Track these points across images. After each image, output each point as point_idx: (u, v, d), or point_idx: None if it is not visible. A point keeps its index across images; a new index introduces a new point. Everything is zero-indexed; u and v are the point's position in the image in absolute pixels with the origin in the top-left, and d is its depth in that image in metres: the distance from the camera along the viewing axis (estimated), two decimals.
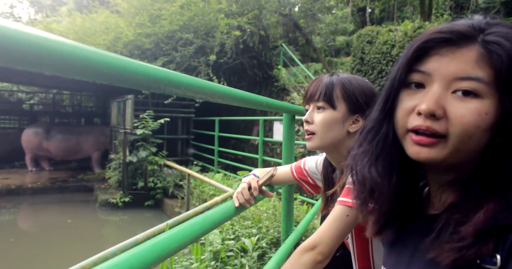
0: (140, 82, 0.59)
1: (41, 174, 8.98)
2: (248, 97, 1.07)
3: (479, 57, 0.45)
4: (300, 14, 11.43)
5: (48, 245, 5.20)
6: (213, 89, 0.83)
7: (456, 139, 0.46)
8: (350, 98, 0.99)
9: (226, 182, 5.69)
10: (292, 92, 7.60)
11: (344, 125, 1.00)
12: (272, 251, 2.40)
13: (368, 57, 6.85)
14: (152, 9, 7.27)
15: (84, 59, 0.45)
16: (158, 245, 0.68)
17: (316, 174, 1.25)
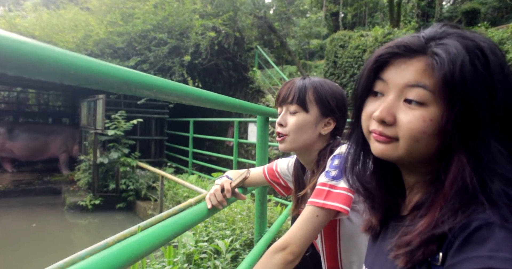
0: (110, 84, 0.58)
1: (3, 176, 8.51)
2: (221, 100, 1.08)
3: (427, 67, 0.49)
4: (275, 17, 11.54)
5: (11, 250, 4.94)
6: (186, 92, 0.83)
7: (405, 142, 0.50)
8: (322, 102, 1.02)
9: (200, 183, 5.65)
10: (267, 94, 7.65)
11: (316, 128, 1.03)
12: (245, 253, 2.41)
13: (341, 61, 7.03)
14: (124, 7, 7.10)
15: (51, 60, 0.45)
16: (129, 247, 0.68)
17: (287, 176, 1.27)
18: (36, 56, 0.42)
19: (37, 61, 0.43)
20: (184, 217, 0.87)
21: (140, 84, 0.67)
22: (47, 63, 0.44)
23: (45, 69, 0.45)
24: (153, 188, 6.51)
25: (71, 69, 0.49)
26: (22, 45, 0.40)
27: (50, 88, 13.23)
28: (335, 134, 1.08)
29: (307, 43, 15.18)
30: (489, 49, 0.48)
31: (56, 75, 0.48)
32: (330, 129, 1.04)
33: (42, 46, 0.43)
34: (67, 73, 0.48)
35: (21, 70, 0.42)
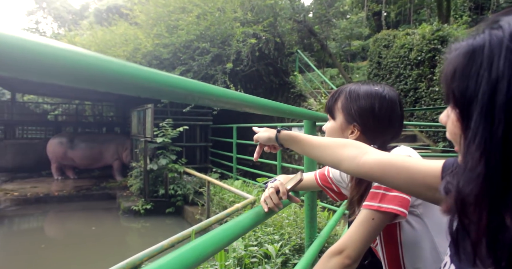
0: (177, 95, 0.63)
1: (66, 183, 9.26)
2: (272, 106, 1.10)
3: None
4: (314, 20, 11.45)
5: (75, 251, 5.34)
6: (242, 99, 0.86)
7: None
8: (347, 109, 1.04)
9: (245, 188, 5.71)
10: (309, 98, 7.59)
11: (343, 135, 1.05)
12: (295, 258, 2.40)
13: (385, 61, 6.78)
14: (169, 20, 7.45)
15: (130, 76, 0.49)
16: (196, 249, 0.71)
17: (340, 182, 1.26)
18: (120, 74, 0.47)
19: (120, 78, 0.47)
20: (243, 220, 0.90)
21: (202, 94, 0.70)
22: (128, 80, 0.49)
23: (127, 85, 0.49)
24: (200, 193, 6.70)
25: (146, 83, 0.53)
26: (109, 64, 0.45)
27: (104, 100, 14.22)
28: (371, 142, 1.05)
29: (348, 45, 14.87)
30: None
31: (135, 90, 0.52)
32: (355, 136, 1.03)
33: (123, 64, 0.48)
34: (144, 87, 0.53)
35: (108, 87, 0.47)
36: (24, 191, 8.01)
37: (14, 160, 10.58)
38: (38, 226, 6.96)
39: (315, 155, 0.85)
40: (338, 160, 0.78)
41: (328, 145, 0.81)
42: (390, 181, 0.70)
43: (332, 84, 8.70)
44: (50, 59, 0.36)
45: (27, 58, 0.33)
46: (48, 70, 0.37)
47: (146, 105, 7.21)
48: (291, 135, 0.93)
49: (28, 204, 7.54)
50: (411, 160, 0.69)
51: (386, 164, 0.70)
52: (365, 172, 0.73)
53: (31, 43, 0.34)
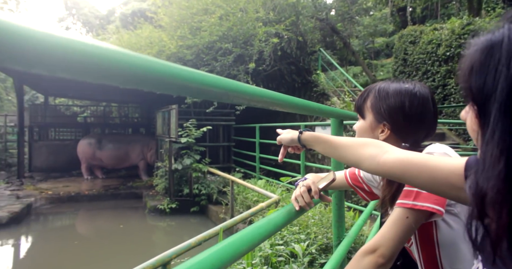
0: (215, 94, 0.64)
1: (95, 182, 9.59)
2: (302, 104, 1.10)
3: None
4: (337, 17, 11.30)
5: (106, 248, 5.53)
6: (274, 98, 0.87)
7: None
8: (376, 108, 1.03)
9: (268, 188, 5.72)
10: (332, 97, 7.50)
11: (374, 134, 1.04)
12: (321, 257, 2.38)
13: (412, 58, 6.60)
14: (192, 21, 7.57)
15: (173, 76, 0.51)
16: (232, 246, 0.72)
17: (371, 181, 1.25)
18: (165, 74, 0.48)
19: (165, 78, 0.49)
20: (275, 217, 0.90)
21: (237, 93, 0.72)
22: (172, 80, 0.50)
23: (171, 85, 0.51)
24: (224, 193, 6.76)
25: (188, 83, 0.54)
26: (155, 65, 0.47)
27: (129, 101, 14.63)
28: (402, 141, 1.03)
29: (371, 42, 14.56)
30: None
31: (177, 89, 0.54)
32: (385, 135, 1.01)
33: (168, 64, 0.50)
34: (185, 86, 0.54)
35: (155, 86, 0.49)
36: (57, 190, 8.37)
37: (47, 160, 11.09)
38: (70, 224, 7.26)
39: (336, 155, 0.85)
40: (359, 159, 0.78)
41: (349, 145, 0.82)
42: (411, 180, 0.69)
43: (356, 82, 8.56)
44: (106, 62, 0.38)
45: (88, 62, 0.35)
46: (103, 73, 0.39)
47: (170, 106, 7.36)
48: (313, 136, 0.94)
49: (61, 202, 7.87)
50: (432, 158, 0.67)
51: (406, 162, 0.68)
52: (385, 170, 0.72)
53: (94, 47, 0.36)
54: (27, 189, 8.47)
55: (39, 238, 6.20)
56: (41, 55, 0.30)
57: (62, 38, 0.32)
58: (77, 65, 0.35)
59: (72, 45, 0.33)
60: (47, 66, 0.32)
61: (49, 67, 0.32)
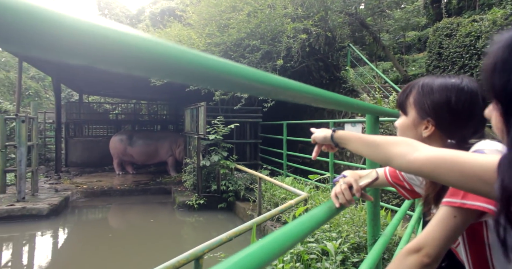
0: (263, 90, 0.64)
1: (127, 177, 9.93)
2: (342, 100, 1.09)
3: None
4: (367, 11, 11.00)
5: (138, 241, 5.72)
6: (318, 94, 0.86)
7: None
8: (420, 104, 1.00)
9: (296, 185, 5.69)
10: (362, 93, 7.33)
11: (417, 131, 1.01)
12: (354, 256, 2.34)
13: (447, 52, 6.31)
14: (220, 19, 7.62)
15: (226, 72, 0.51)
16: (276, 241, 0.71)
17: (413, 179, 1.21)
18: (220, 72, 0.49)
19: (219, 75, 0.49)
20: (316, 214, 0.89)
21: (283, 89, 0.71)
22: (224, 76, 0.51)
23: (223, 81, 0.51)
24: (251, 190, 6.80)
25: (240, 80, 0.55)
26: (208, 61, 0.47)
27: (158, 99, 14.99)
28: (448, 137, 0.98)
29: (402, 36, 14.08)
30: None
31: (229, 86, 0.54)
32: (429, 132, 0.98)
33: (220, 60, 0.50)
34: (237, 83, 0.55)
35: (206, 82, 0.49)
36: (92, 184, 8.74)
37: (82, 155, 11.61)
38: (103, 217, 7.56)
39: (367, 153, 0.86)
40: (389, 157, 0.78)
41: (380, 143, 0.82)
42: (442, 177, 0.67)
43: (386, 78, 8.31)
44: (171, 60, 0.39)
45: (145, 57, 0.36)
46: (163, 68, 0.39)
47: (199, 103, 7.46)
48: (346, 134, 0.95)
49: (95, 196, 8.22)
50: (464, 154, 0.65)
51: (437, 159, 0.67)
52: (416, 168, 0.72)
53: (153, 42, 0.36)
54: (64, 183, 8.90)
55: (76, 229, 6.51)
56: (108, 51, 0.31)
57: (129, 35, 0.33)
58: (144, 63, 0.35)
59: (143, 43, 0.34)
60: (110, 63, 0.32)
61: (113, 64, 0.33)
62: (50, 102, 18.36)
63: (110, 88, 13.19)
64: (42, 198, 7.04)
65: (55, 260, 5.12)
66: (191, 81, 0.47)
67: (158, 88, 8.90)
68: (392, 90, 7.72)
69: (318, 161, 7.34)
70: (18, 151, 6.69)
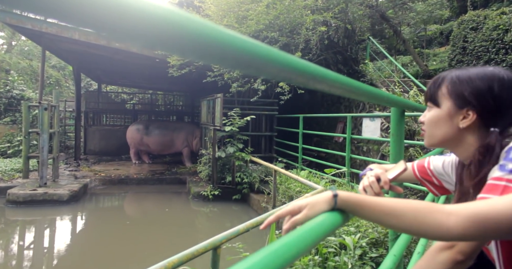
0: (303, 79, 0.63)
1: (143, 166, 10.11)
2: (374, 93, 1.07)
3: None
4: (388, 4, 10.72)
5: (153, 229, 5.84)
6: (352, 85, 0.85)
7: None
8: (457, 94, 0.96)
9: (312, 179, 5.67)
10: (381, 88, 7.20)
11: (452, 122, 0.97)
12: (372, 251, 2.32)
13: (472, 45, 6.11)
14: (239, 10, 7.57)
15: (274, 61, 0.50)
16: (308, 235, 0.70)
17: (442, 175, 1.18)
18: (259, 55, 0.48)
19: (259, 59, 0.48)
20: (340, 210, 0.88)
21: (321, 79, 0.70)
22: (272, 65, 0.50)
23: (268, 69, 0.51)
24: (265, 182, 6.81)
25: (284, 68, 0.54)
26: (258, 48, 0.46)
27: (174, 89, 15.10)
28: (490, 125, 0.95)
29: (423, 30, 13.69)
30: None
31: (273, 74, 0.54)
32: (469, 121, 0.94)
33: (270, 49, 0.49)
34: (281, 71, 0.54)
35: (256, 70, 0.49)
36: (109, 173, 8.93)
37: (100, 144, 11.86)
38: (120, 204, 7.74)
39: (390, 224, 0.71)
40: (423, 231, 0.69)
41: (405, 212, 0.70)
42: (493, 236, 0.67)
43: (407, 72, 8.13)
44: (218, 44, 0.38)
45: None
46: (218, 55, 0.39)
47: (215, 95, 7.48)
48: (354, 198, 0.73)
49: (112, 184, 8.40)
50: (499, 205, 0.63)
51: (479, 219, 0.64)
52: (461, 235, 0.66)
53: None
54: (83, 170, 9.13)
55: (94, 215, 6.68)
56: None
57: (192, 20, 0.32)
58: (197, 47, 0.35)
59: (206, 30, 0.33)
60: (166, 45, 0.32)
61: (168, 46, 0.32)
62: (70, 91, 18.76)
63: (128, 78, 13.36)
64: (62, 184, 7.25)
65: (74, 244, 5.28)
66: (232, 66, 0.46)
67: (175, 79, 8.96)
68: (412, 85, 7.54)
69: (334, 155, 7.29)
70: (40, 138, 6.88)
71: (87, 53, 9.06)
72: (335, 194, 0.74)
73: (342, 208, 0.75)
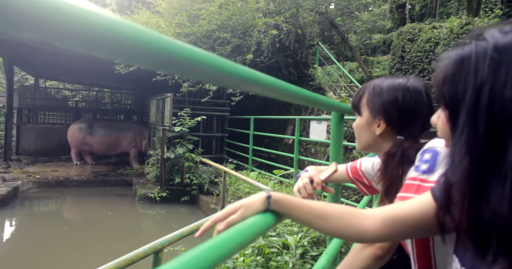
0: (233, 82, 0.63)
1: (85, 168, 9.49)
2: (311, 97, 1.10)
3: None
4: (336, 12, 11.24)
5: (94, 234, 5.50)
6: (286, 89, 0.86)
7: None
8: (371, 105, 1.05)
9: (261, 180, 5.73)
10: (328, 92, 7.51)
11: (370, 129, 1.06)
12: (313, 250, 2.40)
13: (409, 55, 6.62)
14: (191, 9, 7.44)
15: (198, 62, 0.49)
16: (240, 234, 0.69)
17: (371, 175, 1.25)
18: (190, 60, 0.47)
19: (190, 63, 0.47)
20: None
21: (252, 82, 0.70)
22: (197, 66, 0.49)
23: (196, 71, 0.49)
24: (215, 183, 6.76)
25: (210, 69, 0.53)
26: (182, 49, 0.45)
27: (122, 87, 14.42)
28: (398, 134, 1.04)
29: (369, 38, 14.56)
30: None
31: (199, 75, 0.53)
32: (381, 130, 1.03)
33: (194, 49, 0.48)
34: (207, 72, 0.53)
35: (179, 71, 0.48)
36: (45, 174, 8.26)
37: (36, 143, 10.92)
38: (58, 209, 7.19)
39: (316, 226, 0.74)
40: (345, 233, 0.73)
41: (330, 216, 0.73)
42: (403, 236, 0.73)
43: (352, 77, 8.56)
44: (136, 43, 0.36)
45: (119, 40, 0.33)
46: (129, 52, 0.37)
47: (165, 94, 7.27)
48: (286, 200, 0.74)
49: (49, 186, 7.78)
50: (406, 207, 0.70)
51: (390, 222, 0.69)
52: (376, 237, 0.71)
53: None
54: (14, 172, 8.34)
55: (26, 222, 6.13)
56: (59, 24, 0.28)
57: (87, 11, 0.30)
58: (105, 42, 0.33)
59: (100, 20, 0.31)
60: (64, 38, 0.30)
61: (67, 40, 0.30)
62: (1, 85, 17.09)
63: (70, 74, 12.47)
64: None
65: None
66: (156, 67, 0.44)
67: (123, 77, 8.56)
68: (357, 90, 7.96)
69: (283, 157, 7.44)
70: None
71: (22, 44, 8.30)
72: (269, 195, 0.75)
73: (275, 209, 0.76)
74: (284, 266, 1.99)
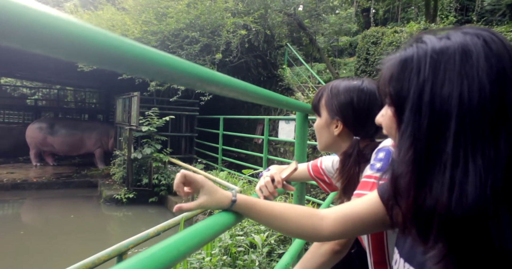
0: (188, 80, 0.63)
1: (46, 169, 9.03)
2: (271, 97, 1.12)
3: None
4: (304, 14, 11.44)
5: (55, 238, 5.25)
6: (245, 89, 0.88)
7: None
8: (329, 105, 1.08)
9: (230, 180, 5.73)
10: (297, 92, 7.63)
11: (329, 130, 1.09)
12: (280, 248, 2.44)
13: (373, 58, 6.88)
14: (158, 7, 7.29)
15: (149, 60, 0.49)
16: (196, 235, 0.70)
17: (331, 173, 1.30)
18: (139, 57, 0.47)
19: (139, 62, 0.47)
20: None
21: (209, 81, 0.71)
22: (146, 64, 0.49)
23: (145, 69, 0.49)
24: None
25: (162, 68, 0.53)
26: (130, 47, 0.45)
27: (86, 86, 13.84)
28: (355, 134, 1.09)
29: (336, 41, 14.95)
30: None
31: (150, 74, 0.53)
32: (339, 130, 1.07)
33: (143, 47, 0.48)
34: (159, 71, 0.53)
35: (128, 69, 0.47)
36: (0, 177, 7.77)
37: None
38: (15, 213, 6.79)
39: (276, 226, 0.77)
40: (303, 233, 0.77)
41: (289, 217, 0.76)
42: (355, 233, 0.78)
43: (320, 78, 8.75)
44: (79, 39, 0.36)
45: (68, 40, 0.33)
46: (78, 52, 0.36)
47: (132, 93, 7.08)
48: (249, 201, 0.77)
49: (4, 190, 7.33)
50: (356, 206, 0.74)
51: (342, 221, 0.74)
52: (330, 236, 0.75)
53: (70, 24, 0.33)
54: None
55: None
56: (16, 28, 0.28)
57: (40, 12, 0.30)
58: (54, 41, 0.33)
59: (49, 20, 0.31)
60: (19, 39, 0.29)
61: (20, 40, 0.30)
62: None
63: (28, 71, 11.78)
64: None
65: None
66: (103, 65, 0.44)
67: (87, 74, 8.22)
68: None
69: (253, 156, 7.48)
70: None
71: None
72: (234, 199, 0.77)
73: (236, 210, 0.78)
74: (251, 264, 2.01)
